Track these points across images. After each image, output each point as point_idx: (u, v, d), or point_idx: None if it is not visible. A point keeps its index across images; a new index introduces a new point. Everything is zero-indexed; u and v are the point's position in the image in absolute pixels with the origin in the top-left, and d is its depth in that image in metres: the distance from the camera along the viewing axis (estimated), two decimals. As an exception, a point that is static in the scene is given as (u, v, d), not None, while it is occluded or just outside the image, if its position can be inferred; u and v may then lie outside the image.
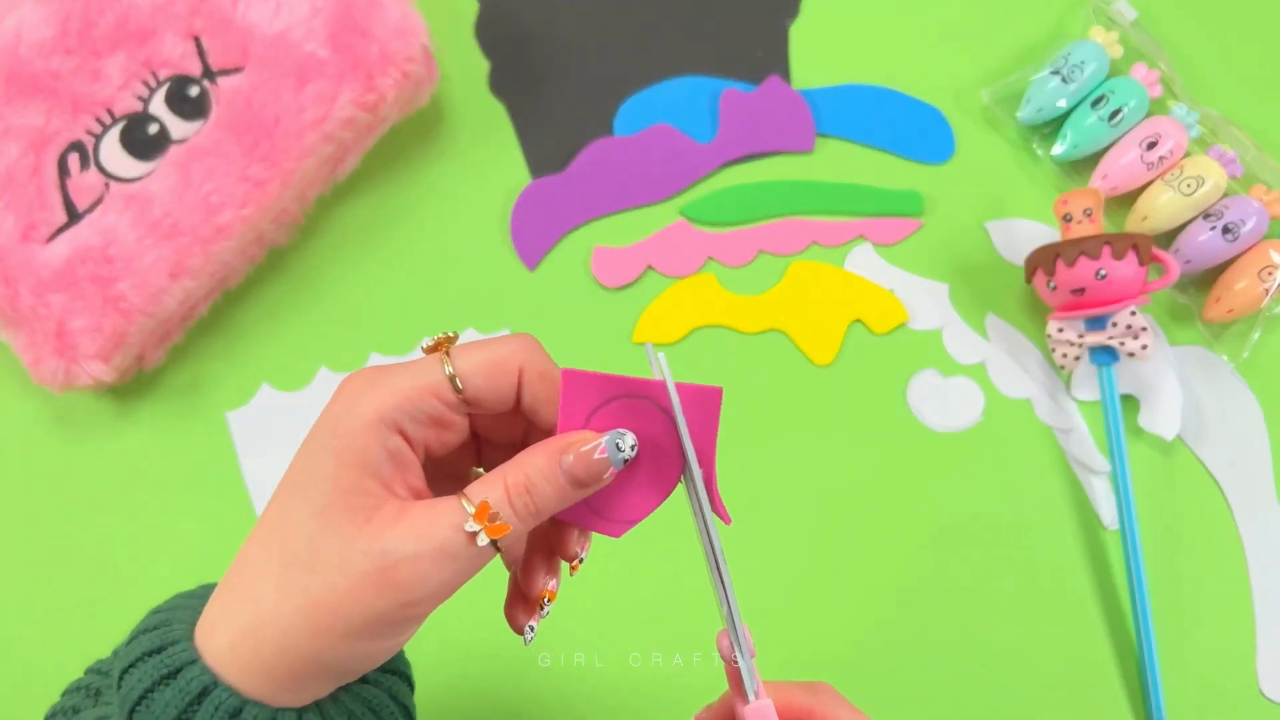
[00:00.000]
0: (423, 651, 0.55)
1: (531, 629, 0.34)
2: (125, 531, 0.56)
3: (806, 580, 0.56)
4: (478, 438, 0.34)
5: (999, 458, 0.57)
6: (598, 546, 0.55)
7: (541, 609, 0.34)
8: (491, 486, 0.31)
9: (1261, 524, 0.56)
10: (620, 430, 0.31)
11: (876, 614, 0.55)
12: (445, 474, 0.35)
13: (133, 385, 0.58)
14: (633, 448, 0.31)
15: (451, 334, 0.33)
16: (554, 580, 0.35)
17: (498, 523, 0.30)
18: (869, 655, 0.55)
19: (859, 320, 0.58)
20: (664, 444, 0.32)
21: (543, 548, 0.35)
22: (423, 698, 0.55)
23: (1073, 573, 0.55)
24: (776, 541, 0.56)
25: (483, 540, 0.30)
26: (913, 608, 0.55)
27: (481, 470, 0.35)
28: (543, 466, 0.31)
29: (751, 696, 0.34)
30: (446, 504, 0.30)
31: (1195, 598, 0.55)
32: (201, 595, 0.34)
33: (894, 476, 0.57)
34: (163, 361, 0.57)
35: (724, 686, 0.54)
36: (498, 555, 0.31)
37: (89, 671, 0.35)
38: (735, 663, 0.34)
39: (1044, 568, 0.56)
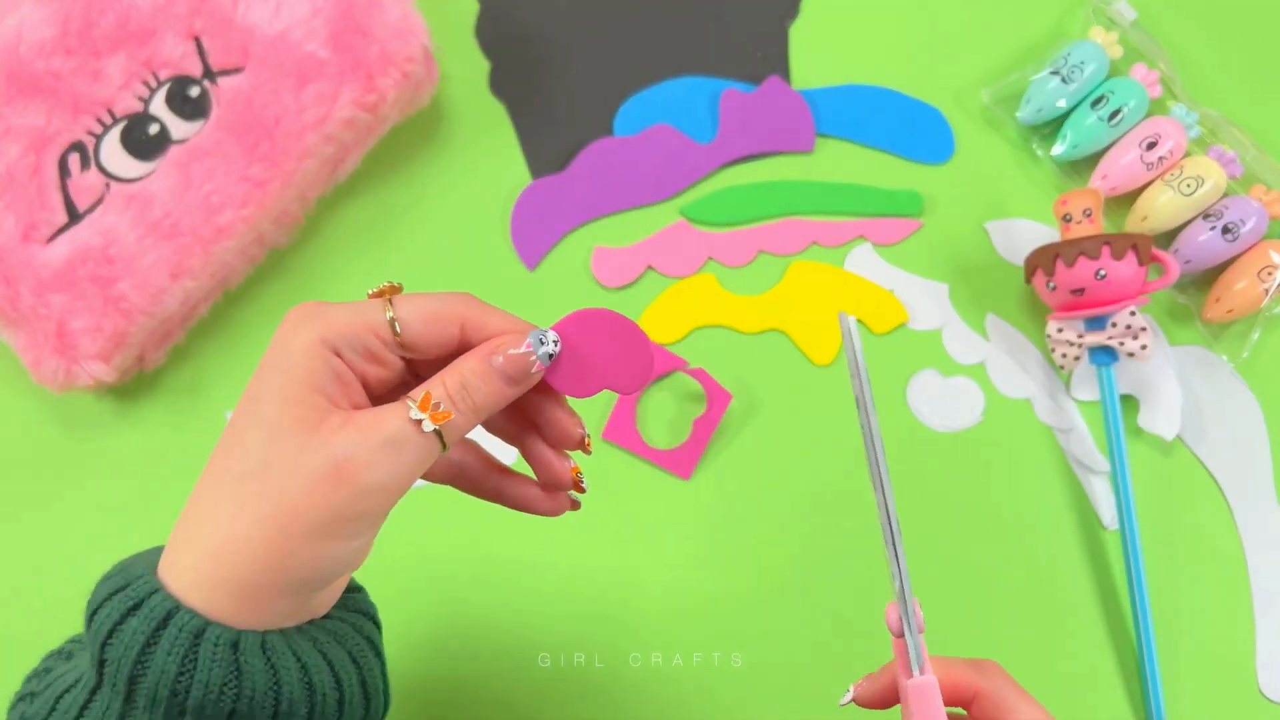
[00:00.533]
0: (423, 651, 0.55)
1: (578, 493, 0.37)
2: (126, 531, 0.56)
3: (807, 579, 0.56)
4: (420, 379, 0.35)
5: (999, 457, 0.57)
6: (597, 546, 0.55)
7: (580, 483, 0.37)
8: (432, 387, 0.33)
9: (1261, 524, 0.56)
10: (541, 329, 0.34)
11: (876, 613, 0.56)
12: None
13: (133, 385, 0.58)
14: (555, 343, 0.34)
15: (397, 284, 0.34)
16: (569, 461, 0.37)
17: (441, 411, 0.32)
18: (867, 654, 0.55)
19: (859, 321, 0.58)
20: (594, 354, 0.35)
21: (544, 442, 0.37)
22: (423, 697, 0.55)
23: (1073, 573, 0.56)
24: (778, 541, 0.56)
25: (428, 426, 0.32)
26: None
27: None
28: (476, 367, 0.33)
29: (916, 671, 0.34)
30: (391, 405, 0.32)
31: (1195, 598, 0.55)
32: (162, 548, 0.34)
33: (895, 476, 0.57)
34: (163, 362, 0.58)
35: (723, 687, 0.54)
36: (443, 450, 0.33)
37: (65, 642, 0.37)
38: (903, 636, 0.35)
39: (1044, 568, 0.56)
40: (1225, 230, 0.55)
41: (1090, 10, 0.60)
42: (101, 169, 0.54)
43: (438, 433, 0.32)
